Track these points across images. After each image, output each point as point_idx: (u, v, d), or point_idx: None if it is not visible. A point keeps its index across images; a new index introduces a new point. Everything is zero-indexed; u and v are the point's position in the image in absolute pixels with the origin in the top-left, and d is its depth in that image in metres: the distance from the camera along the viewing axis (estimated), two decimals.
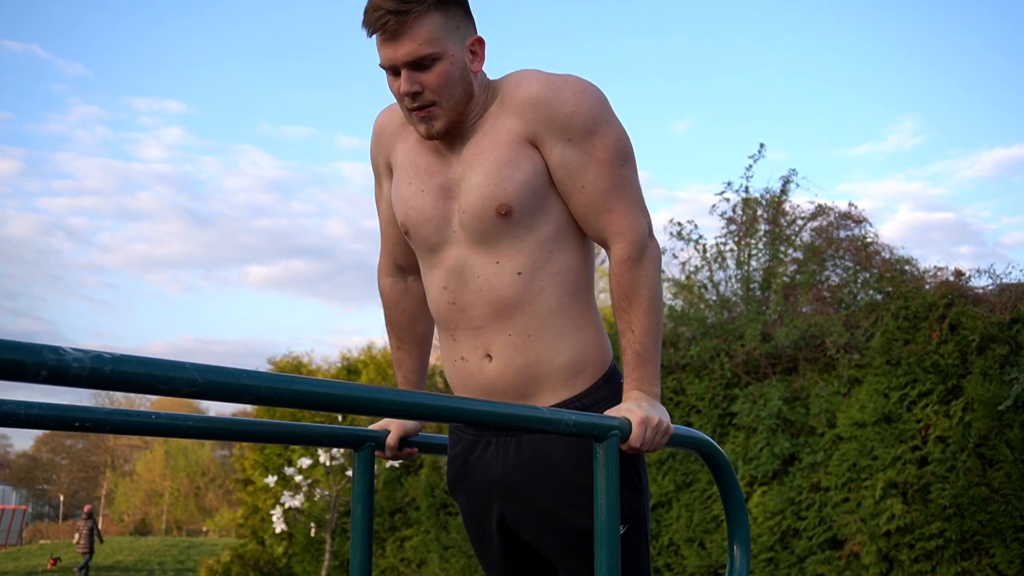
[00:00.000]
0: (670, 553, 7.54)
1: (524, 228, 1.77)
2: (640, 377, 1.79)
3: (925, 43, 42.94)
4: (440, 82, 1.71)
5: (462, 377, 1.87)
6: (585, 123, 1.75)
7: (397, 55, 1.69)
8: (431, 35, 1.68)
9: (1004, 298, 6.13)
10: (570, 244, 1.82)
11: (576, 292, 1.82)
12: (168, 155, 60.73)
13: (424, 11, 1.67)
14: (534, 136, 1.76)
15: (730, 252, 8.27)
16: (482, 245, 1.79)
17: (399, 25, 1.66)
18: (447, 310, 1.85)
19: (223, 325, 71.74)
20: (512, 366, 1.80)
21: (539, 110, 1.74)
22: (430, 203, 1.82)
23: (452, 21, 1.71)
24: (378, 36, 1.70)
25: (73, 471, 52.97)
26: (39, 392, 4.02)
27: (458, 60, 1.72)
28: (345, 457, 10.11)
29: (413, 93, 1.72)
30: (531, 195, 1.76)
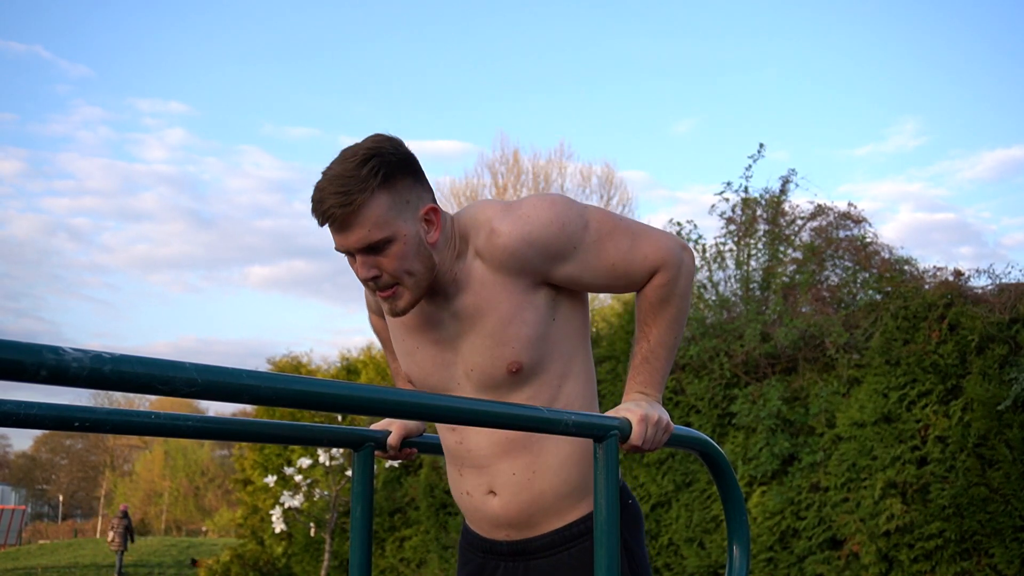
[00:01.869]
0: (670, 553, 7.54)
1: (535, 374, 1.77)
2: (643, 380, 1.79)
3: (926, 45, 42.94)
4: (396, 264, 1.67)
5: (468, 509, 1.89)
6: (577, 224, 1.73)
7: (348, 243, 1.66)
8: (379, 219, 1.64)
9: (1003, 298, 6.13)
10: (576, 367, 1.82)
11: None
12: (171, 156, 60.75)
13: (369, 197, 1.62)
14: (540, 274, 1.74)
15: (729, 252, 8.27)
16: (490, 393, 1.79)
17: (345, 215, 1.62)
18: (455, 449, 1.86)
19: (224, 325, 71.73)
20: (516, 502, 1.81)
21: (533, 247, 1.71)
22: (429, 358, 1.82)
23: (400, 197, 1.66)
24: (328, 225, 1.67)
25: (73, 471, 52.96)
26: (39, 392, 4.02)
27: (412, 237, 1.67)
28: (344, 457, 10.11)
29: (372, 277, 1.68)
30: (540, 344, 1.76)
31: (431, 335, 1.81)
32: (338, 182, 1.62)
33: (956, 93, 43.95)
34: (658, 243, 1.78)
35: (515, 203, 1.76)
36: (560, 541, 1.81)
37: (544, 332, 1.76)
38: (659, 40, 44.39)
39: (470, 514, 1.88)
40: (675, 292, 1.78)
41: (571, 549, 1.80)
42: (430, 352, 1.82)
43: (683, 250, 1.80)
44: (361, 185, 1.61)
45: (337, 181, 1.62)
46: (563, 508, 1.81)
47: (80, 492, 53.51)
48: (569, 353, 1.80)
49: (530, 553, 1.83)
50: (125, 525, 18.43)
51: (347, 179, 1.62)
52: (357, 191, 1.61)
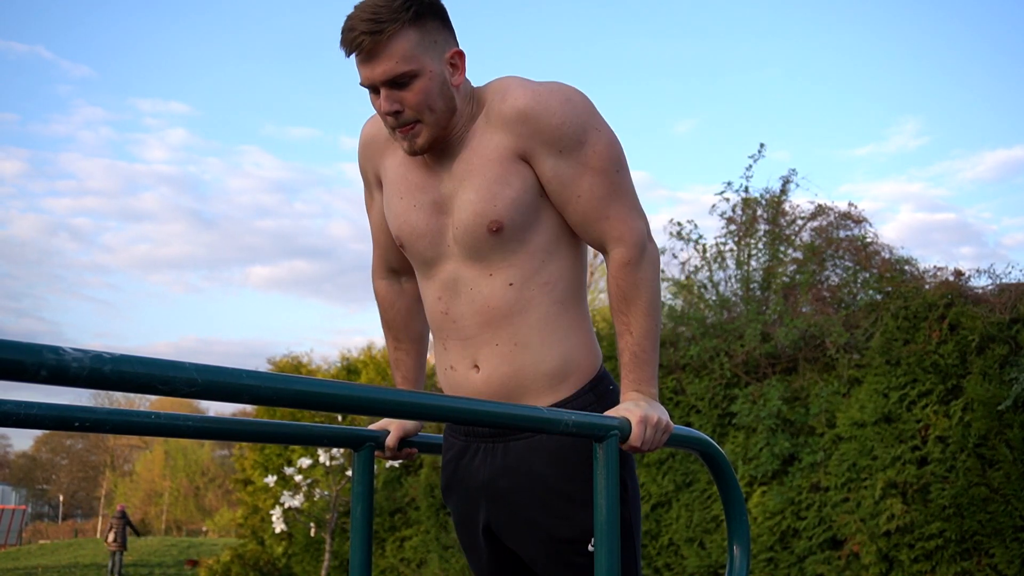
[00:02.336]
0: (670, 553, 7.54)
1: (516, 242, 1.78)
2: (638, 378, 1.79)
3: (927, 45, 42.99)
4: (420, 99, 1.70)
5: (451, 385, 1.88)
6: (575, 133, 1.74)
7: (374, 74, 1.68)
8: (407, 52, 1.67)
9: (1004, 298, 6.13)
10: (562, 252, 1.82)
11: (566, 299, 1.83)
12: (172, 156, 60.80)
13: (399, 28, 1.65)
14: (524, 151, 1.75)
15: (730, 252, 8.27)
16: (475, 259, 1.79)
17: (374, 44, 1.65)
18: (440, 320, 1.86)
19: (225, 326, 71.78)
20: (497, 375, 1.81)
21: (527, 124, 1.73)
22: (423, 219, 1.83)
23: (428, 36, 1.70)
24: (355, 56, 1.69)
25: (73, 471, 52.96)
26: (39, 392, 4.02)
27: (437, 75, 1.70)
28: (345, 457, 10.11)
29: (394, 112, 1.71)
30: (522, 210, 1.76)
31: (430, 194, 1.82)
32: (370, 9, 1.65)
33: (957, 93, 44.02)
34: (628, 216, 1.78)
35: (540, 82, 1.78)
36: None
37: (529, 201, 1.77)
38: (660, 40, 44.41)
39: (453, 390, 1.88)
40: (642, 278, 1.78)
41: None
42: (425, 212, 1.83)
43: (648, 240, 1.81)
44: (393, 16, 1.65)
45: (369, 10, 1.65)
46: (543, 387, 1.81)
47: (80, 492, 53.51)
48: (555, 234, 1.81)
49: (509, 432, 1.82)
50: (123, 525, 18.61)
51: (379, 8, 1.65)
52: (388, 21, 1.64)
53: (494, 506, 1.85)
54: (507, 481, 1.82)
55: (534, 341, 1.80)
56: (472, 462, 1.88)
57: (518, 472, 1.81)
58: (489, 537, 1.89)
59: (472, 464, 1.87)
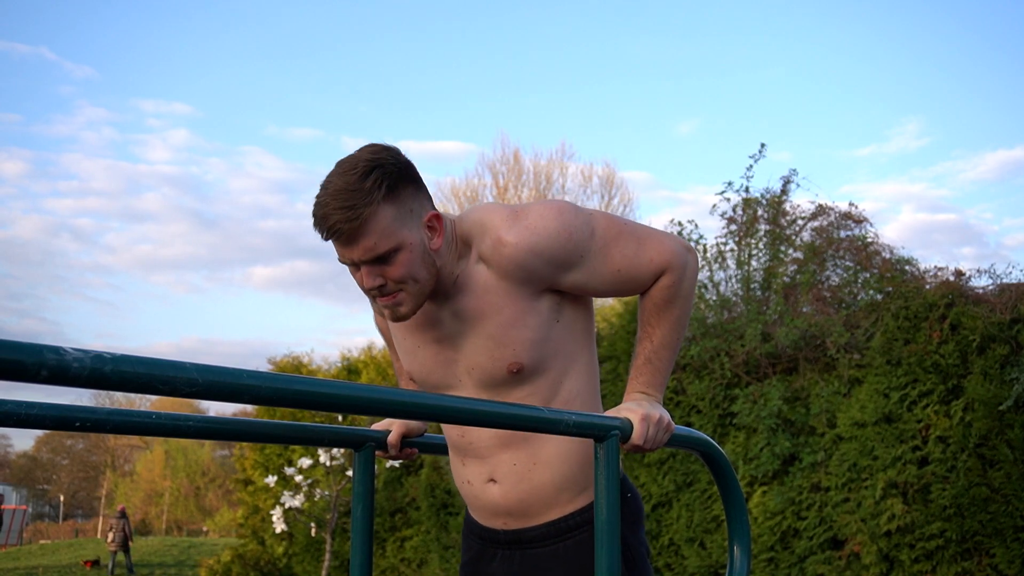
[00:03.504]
0: (670, 553, 7.54)
1: (535, 373, 1.77)
2: (646, 381, 1.79)
3: (929, 45, 42.91)
4: (402, 272, 1.66)
5: (469, 497, 1.90)
6: (585, 233, 1.72)
7: (354, 255, 1.65)
8: (385, 230, 1.62)
9: (1004, 298, 6.13)
10: (578, 367, 1.82)
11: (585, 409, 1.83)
12: (174, 157, 60.79)
13: (375, 210, 1.60)
14: (539, 282, 1.73)
15: (730, 252, 8.27)
16: (491, 391, 1.79)
17: (352, 230, 1.61)
18: (457, 441, 1.87)
19: (227, 326, 71.73)
20: (515, 492, 1.81)
21: (541, 257, 1.70)
22: (430, 356, 1.83)
23: (404, 207, 1.65)
24: (332, 240, 1.66)
25: (73, 471, 52.97)
26: (40, 392, 4.02)
27: (417, 245, 1.67)
28: (345, 457, 10.11)
29: (378, 287, 1.68)
30: (541, 344, 1.76)
31: (432, 334, 1.81)
32: (342, 197, 1.60)
33: (958, 94, 43.96)
34: (662, 245, 1.77)
35: (521, 210, 1.75)
36: (557, 531, 1.82)
37: (546, 335, 1.76)
38: (661, 40, 44.40)
39: (471, 501, 1.90)
40: (680, 294, 1.79)
41: (567, 540, 1.81)
42: (431, 350, 1.82)
43: (687, 251, 1.80)
44: (366, 199, 1.59)
45: (341, 196, 1.60)
46: (561, 500, 1.81)
47: (81, 492, 53.52)
48: (571, 353, 1.81)
49: (527, 542, 1.83)
50: (123, 526, 18.70)
51: (351, 193, 1.59)
52: (363, 205, 1.59)
53: None
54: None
55: (554, 460, 1.80)
56: (490, 566, 1.89)
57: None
58: None
59: (489, 568, 1.89)
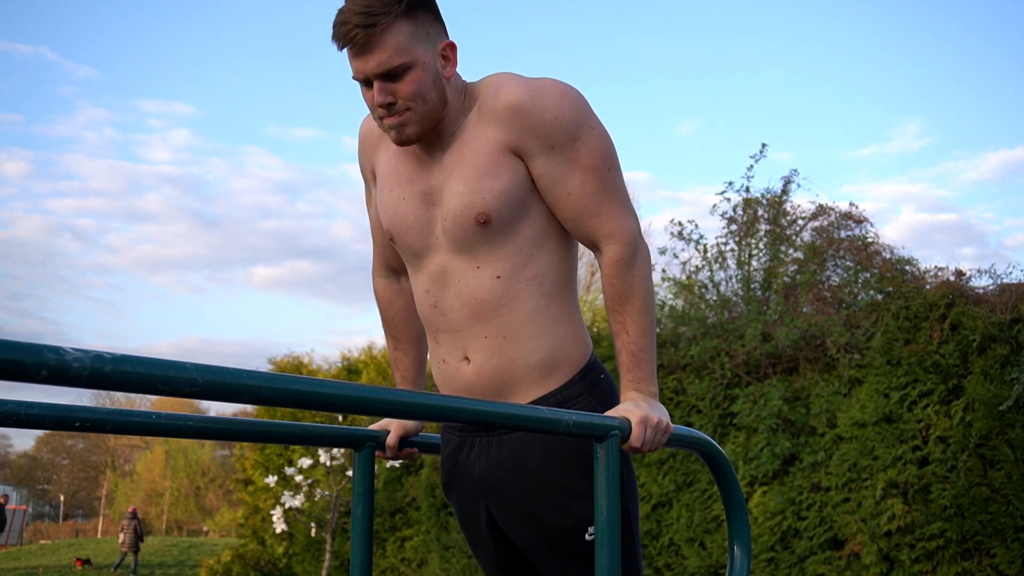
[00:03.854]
0: (670, 553, 7.54)
1: (503, 235, 1.78)
2: (637, 377, 1.79)
3: (930, 46, 42.94)
4: (412, 90, 1.70)
5: (444, 378, 1.89)
6: (567, 129, 1.74)
7: (367, 67, 1.68)
8: (400, 45, 1.67)
9: (1005, 298, 6.13)
10: (550, 246, 1.82)
11: (555, 293, 1.83)
12: (175, 157, 60.84)
13: (392, 21, 1.65)
14: (516, 145, 1.75)
15: (731, 252, 8.27)
16: (463, 251, 1.80)
17: (367, 38, 1.65)
18: (430, 313, 1.87)
19: (228, 326, 71.78)
20: (488, 367, 1.82)
21: (520, 119, 1.73)
22: (412, 210, 1.84)
23: (421, 28, 1.70)
24: (348, 49, 1.69)
25: (73, 471, 52.98)
26: (40, 392, 4.02)
27: (430, 67, 1.71)
28: (345, 457, 10.11)
29: (387, 104, 1.71)
30: (510, 203, 1.76)
31: (419, 185, 1.83)
32: (362, 3, 1.65)
33: (959, 94, 43.98)
34: (619, 215, 1.78)
35: (535, 78, 1.79)
36: None
37: (518, 194, 1.77)
38: (662, 40, 44.42)
39: (445, 383, 1.88)
40: (635, 276, 1.78)
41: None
42: (414, 205, 1.83)
43: (640, 238, 1.81)
44: (386, 8, 1.65)
45: (362, 2, 1.65)
46: (533, 379, 1.82)
47: (81, 492, 53.52)
48: (544, 228, 1.81)
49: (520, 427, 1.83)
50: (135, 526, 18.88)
51: (372, 1, 1.64)
52: (382, 13, 1.64)
53: (492, 499, 1.86)
54: (502, 474, 1.83)
55: (523, 334, 1.80)
56: (468, 457, 1.89)
57: (512, 465, 1.82)
58: (493, 530, 1.90)
59: (468, 459, 1.89)
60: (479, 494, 1.88)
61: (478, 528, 1.93)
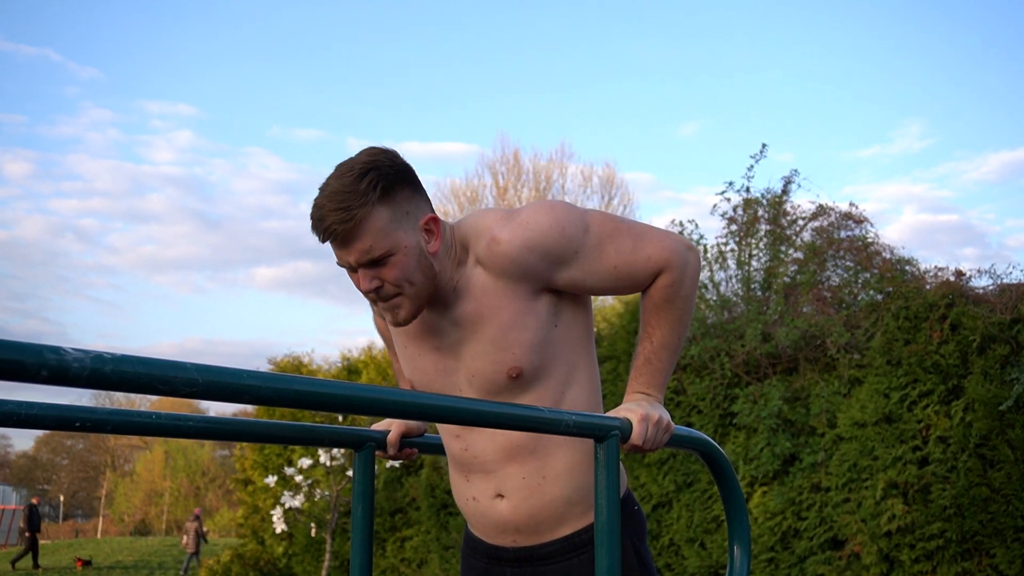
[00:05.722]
0: (670, 553, 7.54)
1: (536, 380, 1.76)
2: (646, 381, 1.78)
3: (931, 46, 42.91)
4: (398, 274, 1.67)
5: (473, 514, 1.87)
6: (578, 230, 1.72)
7: (350, 258, 1.67)
8: (380, 232, 1.64)
9: (1005, 298, 6.12)
10: (579, 378, 1.80)
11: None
12: (178, 158, 60.83)
13: (369, 211, 1.62)
14: (535, 280, 1.73)
15: (731, 252, 8.27)
16: (492, 398, 1.78)
17: (346, 232, 1.63)
18: (460, 456, 1.85)
19: (230, 327, 71.75)
20: (525, 507, 1.80)
21: (535, 252, 1.70)
22: (431, 363, 1.82)
23: (400, 209, 1.67)
24: (330, 241, 1.67)
25: (73, 471, 52.98)
26: (40, 392, 4.01)
27: (413, 248, 1.68)
28: (345, 457, 10.11)
29: (375, 289, 1.69)
30: (540, 350, 1.75)
31: (432, 342, 1.81)
32: (337, 198, 1.62)
33: (961, 95, 43.97)
34: (661, 243, 1.76)
35: (515, 211, 1.76)
36: (569, 548, 1.80)
37: (545, 337, 1.75)
38: (663, 41, 44.41)
39: (475, 519, 1.87)
40: (680, 293, 1.77)
41: (580, 556, 1.79)
42: (432, 359, 1.82)
43: (688, 250, 1.78)
44: (361, 200, 1.61)
45: (336, 197, 1.62)
46: (572, 515, 1.80)
47: (81, 492, 53.53)
48: (572, 359, 1.79)
49: (538, 559, 1.81)
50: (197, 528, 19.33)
51: (346, 194, 1.62)
52: (357, 206, 1.61)
53: None
54: None
55: (563, 473, 1.78)
56: None
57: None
58: None
59: None
60: None
61: None
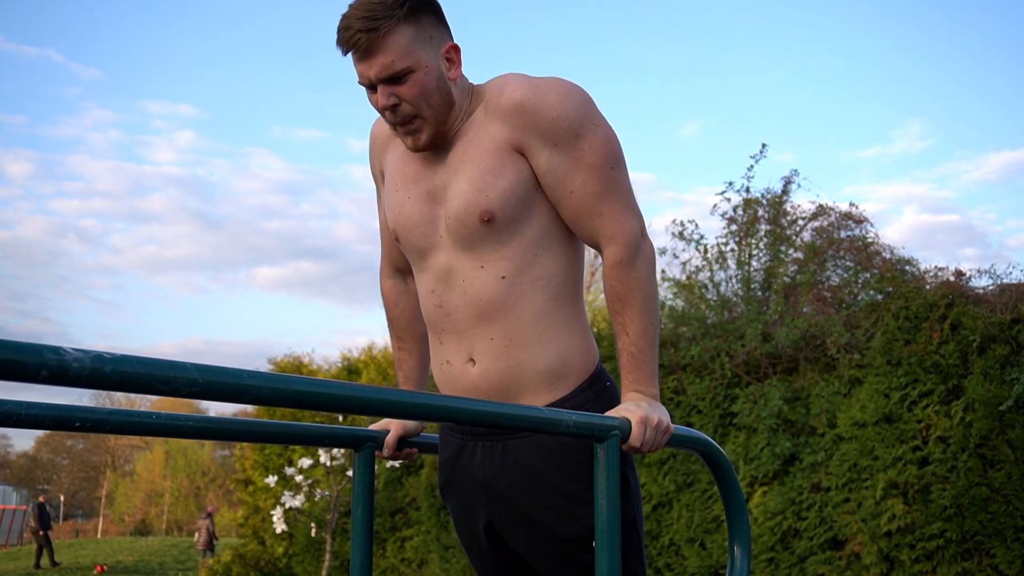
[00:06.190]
0: (671, 553, 7.54)
1: (507, 234, 1.77)
2: (637, 379, 1.78)
3: (932, 47, 43.00)
4: (416, 93, 1.71)
5: (447, 380, 1.88)
6: (571, 127, 1.73)
7: (371, 72, 1.70)
8: (403, 48, 1.68)
9: (1005, 298, 6.12)
10: (555, 248, 1.81)
11: (560, 296, 1.82)
12: (180, 158, 60.89)
13: (394, 25, 1.66)
14: (520, 142, 1.75)
15: (731, 252, 8.27)
16: (467, 250, 1.79)
17: (370, 42, 1.67)
18: (434, 313, 1.86)
19: (231, 327, 71.81)
20: (493, 370, 1.80)
21: (524, 116, 1.73)
22: (416, 209, 1.84)
23: (424, 31, 1.71)
24: (352, 54, 1.70)
25: (73, 471, 52.97)
26: (40, 392, 4.01)
27: (433, 70, 1.72)
28: (345, 457, 10.10)
29: (392, 106, 1.72)
30: (514, 201, 1.76)
31: (424, 184, 1.83)
32: (365, 8, 1.67)
33: (962, 95, 44.02)
34: (622, 215, 1.77)
35: (542, 76, 1.79)
36: None
37: (522, 193, 1.76)
38: (664, 42, 44.43)
39: (450, 386, 1.87)
40: (636, 277, 1.77)
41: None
42: (419, 204, 1.83)
43: (643, 237, 1.80)
44: (388, 12, 1.66)
45: (364, 8, 1.67)
46: (540, 384, 1.80)
47: (81, 492, 53.52)
48: (549, 229, 1.80)
49: (508, 432, 1.81)
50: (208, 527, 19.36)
51: (374, 5, 1.66)
52: (384, 17, 1.66)
53: (495, 506, 1.84)
54: (507, 481, 1.81)
55: (529, 337, 1.79)
56: (471, 461, 1.86)
57: (518, 472, 1.80)
58: (491, 536, 1.89)
59: (471, 463, 1.86)
60: (480, 500, 1.86)
61: (475, 534, 1.91)
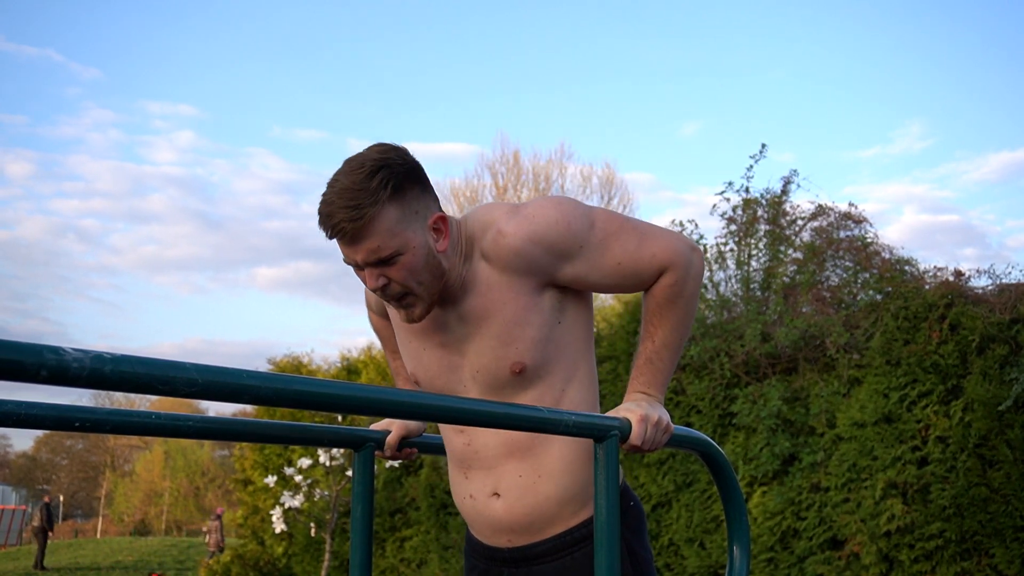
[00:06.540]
0: (670, 553, 7.54)
1: (539, 377, 1.76)
2: (647, 381, 1.78)
3: (932, 47, 42.91)
4: (406, 274, 1.66)
5: (471, 514, 1.87)
6: (583, 223, 1.72)
7: (357, 256, 1.65)
8: (389, 232, 1.63)
9: (1004, 298, 6.13)
10: (579, 376, 1.81)
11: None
12: (180, 158, 60.83)
13: (379, 210, 1.61)
14: (540, 275, 1.73)
15: (730, 252, 8.27)
16: (496, 394, 1.78)
17: (356, 230, 1.61)
18: (462, 451, 1.85)
19: (231, 327, 71.73)
20: (520, 505, 1.80)
21: (539, 246, 1.70)
22: (435, 359, 1.82)
23: (409, 208, 1.65)
24: (336, 238, 1.66)
25: (73, 471, 52.95)
26: (40, 392, 3.99)
27: (421, 247, 1.67)
28: (345, 457, 10.11)
29: (382, 287, 1.68)
30: (543, 346, 1.75)
31: (437, 338, 1.80)
32: (347, 195, 1.60)
33: (962, 95, 43.97)
34: (666, 242, 1.76)
35: (521, 205, 1.76)
36: (563, 546, 1.80)
37: (549, 334, 1.75)
38: (664, 42, 44.40)
39: (473, 519, 1.87)
40: (683, 293, 1.76)
41: (574, 553, 1.79)
42: (436, 355, 1.81)
43: (692, 250, 1.78)
44: (371, 198, 1.60)
45: (346, 194, 1.60)
46: (566, 514, 1.80)
47: (81, 492, 53.51)
48: (573, 357, 1.79)
49: (533, 559, 1.81)
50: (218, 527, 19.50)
51: (357, 192, 1.60)
52: (368, 204, 1.59)
53: None
54: None
55: (557, 471, 1.78)
56: None
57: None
58: None
59: None
60: None
61: None
